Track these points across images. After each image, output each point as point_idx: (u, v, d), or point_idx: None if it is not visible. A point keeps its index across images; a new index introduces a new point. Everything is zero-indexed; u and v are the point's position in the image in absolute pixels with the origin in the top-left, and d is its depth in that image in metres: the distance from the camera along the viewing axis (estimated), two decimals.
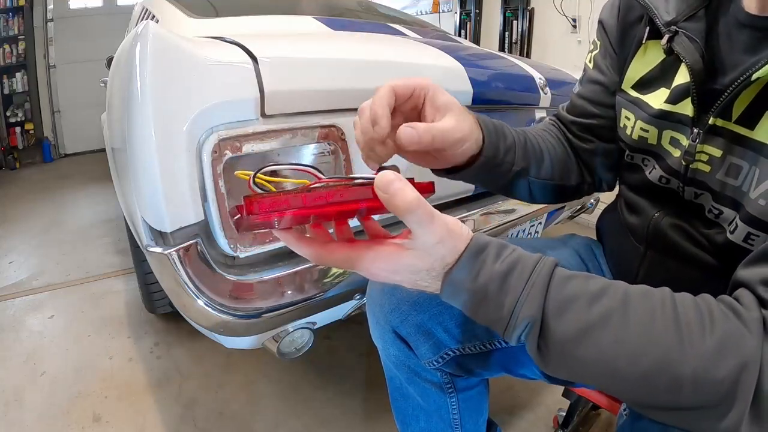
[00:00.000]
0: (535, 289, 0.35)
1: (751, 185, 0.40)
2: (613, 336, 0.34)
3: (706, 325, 0.33)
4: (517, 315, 0.35)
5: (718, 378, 0.32)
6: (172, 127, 0.55)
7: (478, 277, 0.36)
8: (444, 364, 0.61)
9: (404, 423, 0.72)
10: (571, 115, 0.63)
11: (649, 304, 0.35)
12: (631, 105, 0.54)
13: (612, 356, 0.34)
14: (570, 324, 0.34)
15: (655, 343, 0.33)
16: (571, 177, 0.63)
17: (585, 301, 0.35)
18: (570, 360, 0.35)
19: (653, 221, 0.53)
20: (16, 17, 3.95)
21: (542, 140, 0.60)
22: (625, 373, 0.34)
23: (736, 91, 0.40)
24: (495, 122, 0.54)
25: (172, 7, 1.22)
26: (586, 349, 0.34)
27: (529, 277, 0.36)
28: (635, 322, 0.34)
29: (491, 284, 0.36)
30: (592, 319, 0.34)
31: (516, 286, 0.35)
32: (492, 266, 0.36)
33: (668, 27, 0.47)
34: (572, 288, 0.35)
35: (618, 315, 0.34)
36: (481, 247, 0.36)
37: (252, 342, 0.71)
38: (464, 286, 0.36)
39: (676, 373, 0.32)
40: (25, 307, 1.64)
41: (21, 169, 3.97)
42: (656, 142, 0.51)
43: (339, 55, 0.78)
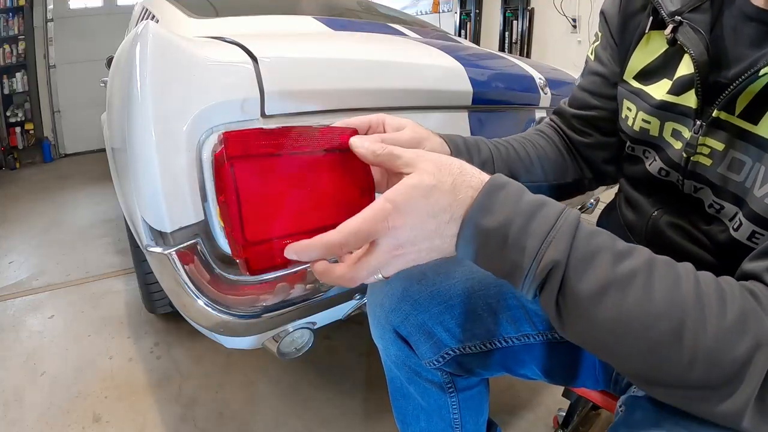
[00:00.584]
0: (561, 233, 0.33)
1: (756, 182, 0.40)
2: (636, 297, 0.32)
3: (727, 301, 0.33)
4: (540, 258, 0.33)
5: (733, 356, 0.31)
6: (172, 127, 0.55)
7: (501, 211, 0.34)
8: (444, 363, 0.61)
9: (404, 423, 0.72)
10: (573, 108, 0.63)
11: (673, 273, 0.34)
12: (632, 96, 0.53)
13: (631, 318, 0.32)
14: (593, 278, 0.33)
15: (676, 310, 0.32)
16: (567, 174, 0.63)
17: (611, 256, 0.33)
18: (586, 318, 0.34)
19: (652, 220, 0.53)
20: (16, 17, 3.95)
21: (529, 144, 0.60)
22: (640, 338, 0.32)
23: (742, 86, 0.40)
24: (468, 139, 0.54)
25: (172, 7, 1.22)
26: (605, 307, 0.33)
27: (555, 221, 0.34)
28: (658, 284, 0.33)
29: (515, 222, 0.34)
30: (617, 276, 0.33)
31: (542, 227, 0.33)
32: (517, 201, 0.34)
33: (672, 17, 0.46)
34: (598, 241, 0.34)
35: (642, 276, 0.33)
36: (503, 183, 0.35)
37: (252, 342, 0.71)
38: (484, 225, 0.34)
39: (693, 344, 0.31)
40: (25, 307, 1.64)
41: (21, 169, 3.97)
42: (658, 134, 0.51)
43: (339, 55, 0.78)
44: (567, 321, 0.35)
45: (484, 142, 0.56)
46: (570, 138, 0.64)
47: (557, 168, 0.62)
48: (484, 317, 0.59)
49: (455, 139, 0.53)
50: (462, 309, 0.59)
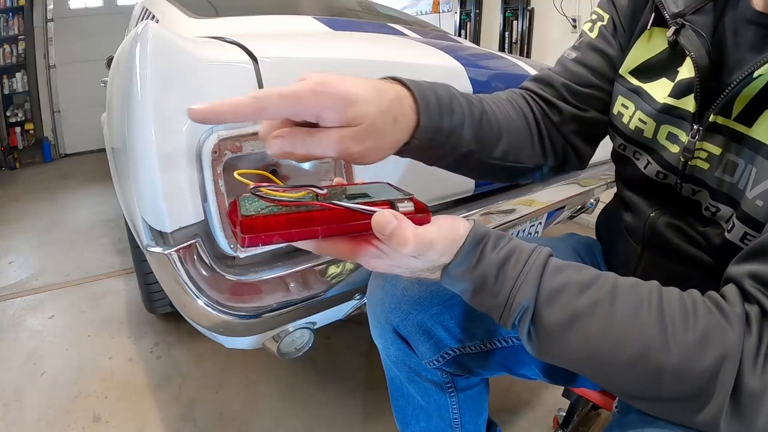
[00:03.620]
0: (530, 277, 0.37)
1: (748, 184, 0.40)
2: (599, 325, 0.35)
3: (689, 318, 0.34)
4: (512, 302, 0.37)
5: (698, 370, 0.33)
6: (172, 127, 0.55)
7: (476, 267, 0.38)
8: (444, 363, 0.61)
9: (404, 423, 0.72)
10: (564, 78, 0.57)
11: (636, 296, 0.36)
12: (631, 94, 0.52)
13: (597, 344, 0.35)
14: (559, 311, 0.36)
15: (638, 333, 0.34)
16: (528, 156, 0.55)
17: (575, 290, 0.36)
18: (557, 346, 0.37)
19: (649, 221, 0.53)
20: (16, 17, 3.95)
21: (502, 115, 0.52)
22: (609, 361, 0.35)
23: (737, 89, 0.40)
24: (441, 93, 0.44)
25: (172, 7, 1.22)
26: (573, 336, 0.36)
27: (524, 266, 0.37)
28: (621, 312, 0.35)
29: (489, 273, 0.38)
30: (580, 307, 0.36)
31: (512, 274, 0.37)
32: (490, 255, 0.38)
33: (675, 19, 0.46)
34: (564, 277, 0.37)
35: (605, 305, 0.36)
36: (480, 238, 0.38)
37: (252, 342, 0.71)
38: (463, 277, 0.38)
39: (658, 363, 0.34)
40: (25, 307, 1.64)
41: (21, 169, 3.96)
42: (651, 136, 0.50)
43: (339, 55, 0.78)
44: (538, 349, 0.39)
45: (458, 99, 0.47)
46: (553, 111, 0.57)
47: (519, 148, 0.54)
48: (484, 317, 0.58)
49: (426, 95, 0.42)
50: (462, 309, 0.59)
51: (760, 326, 0.33)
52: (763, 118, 0.39)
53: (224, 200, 0.60)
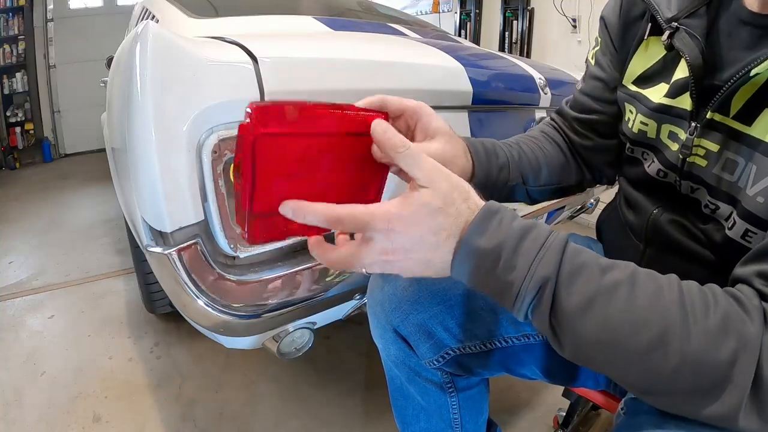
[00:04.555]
0: (551, 251, 0.35)
1: (748, 181, 0.41)
2: (621, 305, 0.34)
3: (710, 307, 0.34)
4: (531, 275, 0.35)
5: (718, 359, 0.32)
6: (172, 127, 0.55)
7: (495, 234, 0.36)
8: (444, 363, 0.61)
9: (404, 423, 0.72)
10: (574, 111, 0.64)
11: (656, 282, 0.35)
12: (632, 99, 0.54)
13: (616, 326, 0.34)
14: (581, 289, 0.35)
15: (659, 316, 0.33)
16: (570, 177, 0.64)
17: (597, 270, 0.35)
18: (576, 327, 0.35)
19: (652, 218, 0.53)
20: (16, 17, 3.95)
21: (538, 148, 0.62)
22: (627, 345, 0.34)
23: (734, 87, 0.40)
24: (486, 143, 0.56)
25: (172, 7, 1.22)
26: (593, 316, 0.34)
27: (545, 240, 0.36)
28: (642, 294, 0.34)
29: (508, 242, 0.35)
30: (602, 286, 0.35)
31: (532, 247, 0.35)
32: (509, 224, 0.36)
33: (669, 23, 0.47)
34: (584, 258, 0.36)
35: (626, 286, 0.35)
36: (496, 209, 0.37)
37: (252, 342, 0.71)
38: (479, 245, 0.36)
39: (677, 348, 0.33)
40: (25, 307, 1.64)
41: (21, 169, 3.97)
42: (655, 136, 0.51)
43: (339, 55, 0.78)
44: (562, 337, 0.36)
45: (500, 146, 0.57)
46: (571, 139, 0.64)
47: (562, 171, 0.63)
48: (485, 317, 0.59)
49: (477, 147, 0.54)
50: (462, 309, 0.59)
51: None
52: (763, 117, 0.40)
53: (224, 200, 0.60)
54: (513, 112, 1.04)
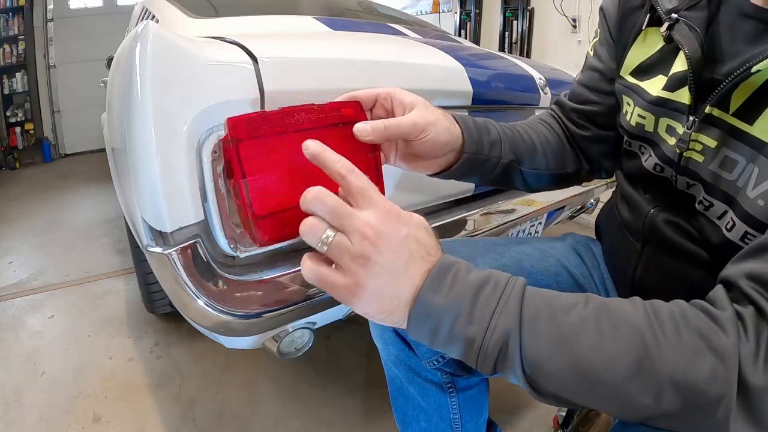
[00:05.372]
0: (511, 302, 0.35)
1: (749, 182, 0.40)
2: (589, 342, 0.34)
3: (680, 326, 0.34)
4: (493, 328, 0.34)
5: (698, 378, 0.32)
6: (172, 127, 0.55)
7: (451, 288, 0.35)
8: (444, 363, 0.61)
9: (404, 423, 0.72)
10: (572, 102, 0.65)
11: (622, 311, 0.35)
12: (629, 91, 0.54)
13: (591, 363, 0.33)
14: (546, 334, 0.34)
15: (630, 346, 0.33)
16: (567, 165, 0.64)
17: (559, 310, 0.35)
18: (548, 371, 0.34)
19: (648, 217, 0.53)
20: (16, 17, 3.95)
21: (534, 132, 0.62)
22: (606, 380, 0.33)
23: (734, 82, 0.40)
24: (477, 120, 0.56)
25: (172, 7, 1.22)
26: (563, 357, 0.34)
27: (504, 290, 0.35)
28: (609, 327, 0.34)
29: (465, 296, 0.35)
30: (568, 326, 0.34)
31: (491, 299, 0.35)
32: (465, 277, 0.36)
33: (669, 15, 0.47)
34: (545, 299, 0.36)
35: (592, 321, 0.34)
36: (451, 263, 0.36)
37: (252, 342, 0.71)
38: (437, 302, 0.35)
39: (655, 374, 0.32)
40: (25, 307, 1.64)
41: (21, 169, 3.97)
42: (653, 130, 0.51)
43: (339, 55, 0.78)
44: (538, 387, 0.35)
45: (492, 124, 0.57)
46: (569, 129, 0.65)
47: (559, 157, 0.63)
48: None
49: (466, 119, 0.54)
50: None
51: (757, 329, 0.32)
52: (765, 116, 0.39)
53: (224, 200, 0.60)
54: (513, 112, 1.04)
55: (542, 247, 0.66)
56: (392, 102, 0.49)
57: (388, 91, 0.49)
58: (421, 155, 0.51)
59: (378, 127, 0.45)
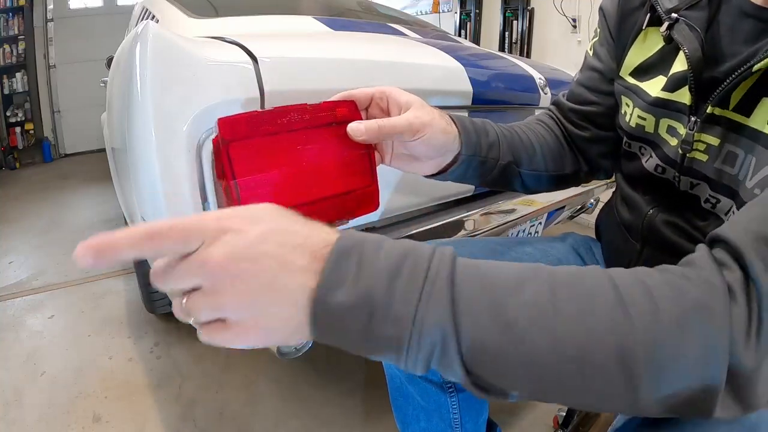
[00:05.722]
0: (439, 284, 0.27)
1: (748, 174, 0.40)
2: (545, 331, 0.27)
3: (656, 300, 0.27)
4: (420, 327, 0.26)
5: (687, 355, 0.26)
6: (172, 127, 0.55)
7: (357, 279, 0.26)
8: None
9: (404, 423, 0.72)
10: (570, 102, 0.64)
11: (582, 286, 0.28)
12: (629, 92, 0.54)
13: (546, 352, 0.27)
14: (490, 320, 0.27)
15: (597, 330, 0.27)
16: (565, 166, 0.63)
17: (504, 288, 0.28)
18: (505, 375, 0.27)
19: (648, 218, 0.53)
20: (16, 17, 3.95)
21: (533, 133, 0.61)
22: (568, 375, 0.27)
23: (735, 81, 0.40)
24: (475, 121, 0.55)
25: (172, 7, 1.22)
26: (517, 355, 0.27)
27: (427, 271, 0.27)
28: (567, 308, 0.27)
29: (377, 286, 0.26)
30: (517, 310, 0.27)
31: (410, 284, 0.27)
32: (372, 260, 0.27)
33: (669, 14, 0.47)
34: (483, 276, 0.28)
35: (547, 300, 0.27)
36: (350, 245, 0.28)
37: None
38: (339, 302, 0.26)
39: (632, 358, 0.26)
40: (25, 307, 1.64)
41: (21, 169, 3.97)
42: (653, 131, 0.51)
43: (339, 55, 0.78)
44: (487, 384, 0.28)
45: (490, 125, 0.56)
46: (568, 130, 0.64)
47: (557, 158, 0.62)
48: None
49: (463, 120, 0.53)
50: None
51: (746, 294, 0.27)
52: (760, 107, 0.39)
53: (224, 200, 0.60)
54: (513, 112, 1.04)
55: (542, 247, 0.66)
56: (388, 101, 0.48)
57: (384, 91, 0.48)
58: (416, 156, 0.50)
59: (372, 127, 0.43)
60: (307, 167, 0.38)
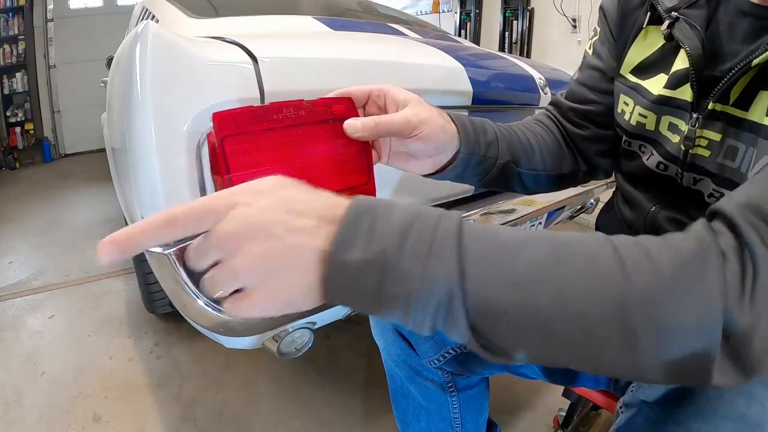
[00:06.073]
0: (446, 242, 0.28)
1: (750, 165, 0.41)
2: (548, 288, 0.27)
3: (654, 258, 0.28)
4: (429, 282, 0.27)
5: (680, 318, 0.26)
6: (172, 127, 0.55)
7: (369, 238, 0.27)
8: (445, 362, 0.61)
9: (405, 422, 0.72)
10: (570, 101, 0.64)
11: (584, 247, 0.29)
12: (630, 90, 0.54)
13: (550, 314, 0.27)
14: (496, 278, 0.27)
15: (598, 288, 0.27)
16: (564, 166, 0.63)
17: (509, 247, 0.29)
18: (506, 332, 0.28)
19: (650, 215, 0.53)
20: (16, 17, 3.95)
21: (531, 133, 0.61)
22: (569, 332, 0.27)
23: (735, 77, 0.40)
24: (474, 119, 0.54)
25: (172, 7, 1.22)
26: (520, 311, 0.27)
27: (435, 230, 0.28)
28: (570, 268, 0.28)
29: (389, 245, 0.27)
30: (522, 268, 0.28)
31: (419, 243, 0.28)
32: (385, 221, 0.28)
33: (669, 13, 0.47)
34: (487, 237, 0.29)
35: (550, 263, 0.28)
36: (367, 206, 0.29)
37: (252, 342, 0.71)
38: (353, 260, 0.27)
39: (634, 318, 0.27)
40: (25, 307, 1.64)
41: (21, 169, 3.97)
42: (654, 128, 0.51)
43: (339, 55, 0.78)
44: (492, 344, 0.28)
45: (489, 123, 0.56)
46: (566, 129, 0.64)
47: (555, 158, 0.62)
48: None
49: (462, 119, 0.52)
50: None
51: (740, 257, 0.28)
52: (758, 100, 0.40)
53: None
54: (513, 112, 1.04)
55: None
56: (385, 99, 0.47)
57: (381, 88, 0.47)
58: (414, 154, 0.49)
59: (369, 124, 0.43)
60: (302, 164, 0.38)
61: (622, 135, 0.57)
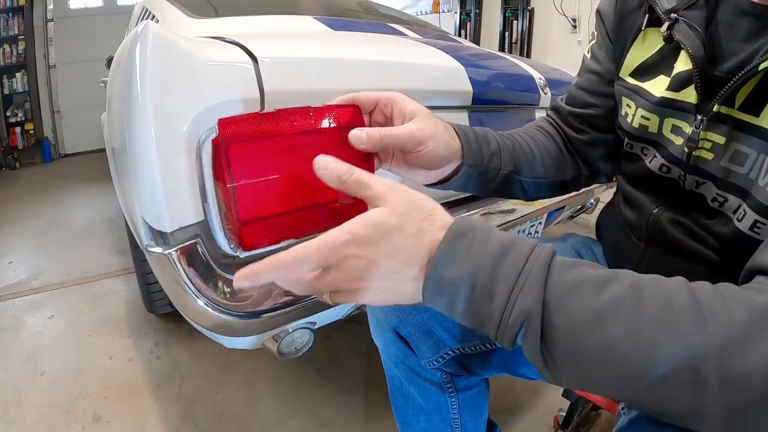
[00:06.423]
0: (533, 275, 0.31)
1: (761, 173, 0.40)
2: (626, 325, 0.29)
3: (732, 306, 0.29)
4: (511, 308, 0.31)
5: (747, 367, 0.27)
6: (172, 127, 0.55)
7: (466, 260, 0.32)
8: (444, 363, 0.61)
9: (404, 423, 0.72)
10: (569, 106, 0.64)
11: (664, 289, 0.31)
12: (631, 93, 0.54)
13: (626, 349, 0.29)
14: (575, 315, 0.30)
15: (673, 332, 0.29)
16: (566, 172, 0.63)
17: (591, 288, 0.31)
18: (576, 360, 0.30)
19: (652, 217, 0.53)
20: (16, 17, 3.95)
21: (532, 140, 0.61)
22: (641, 370, 0.29)
23: (742, 80, 0.40)
24: (477, 130, 0.55)
25: (172, 7, 1.22)
26: (594, 342, 0.29)
27: (526, 262, 0.31)
28: (649, 309, 0.29)
29: (481, 268, 0.31)
30: (601, 306, 0.30)
31: (510, 271, 0.31)
32: (482, 247, 0.32)
33: (668, 15, 0.47)
34: (576, 275, 0.31)
35: (630, 302, 0.30)
36: (465, 229, 0.33)
37: (252, 342, 0.71)
38: (449, 277, 0.32)
39: (699, 363, 0.28)
40: (25, 307, 1.64)
41: (21, 169, 3.97)
42: (657, 131, 0.51)
43: (339, 55, 0.78)
44: (557, 370, 0.31)
45: (492, 134, 0.56)
46: (567, 134, 0.64)
47: (557, 164, 0.62)
48: None
49: (465, 131, 0.53)
50: None
51: None
52: None
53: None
54: (513, 112, 1.04)
55: None
56: (392, 109, 0.47)
57: (389, 97, 0.47)
58: (417, 166, 0.49)
59: (373, 137, 0.43)
60: (306, 171, 0.38)
61: (624, 138, 0.57)
